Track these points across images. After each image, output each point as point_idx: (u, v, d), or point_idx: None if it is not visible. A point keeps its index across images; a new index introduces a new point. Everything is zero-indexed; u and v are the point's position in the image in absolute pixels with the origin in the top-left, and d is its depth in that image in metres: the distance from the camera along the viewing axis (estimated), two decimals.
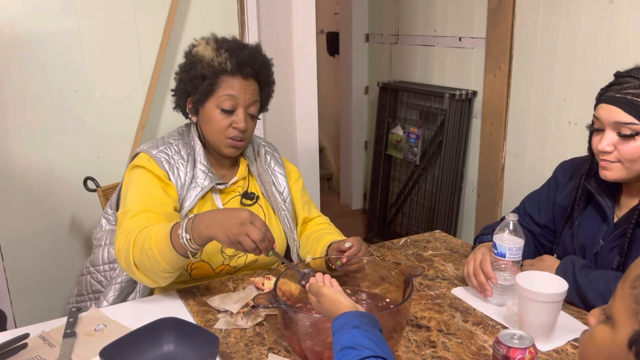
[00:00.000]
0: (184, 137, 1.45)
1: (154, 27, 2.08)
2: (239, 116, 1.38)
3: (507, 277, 1.23)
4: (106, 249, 1.48)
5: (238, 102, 1.38)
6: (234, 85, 1.38)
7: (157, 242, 1.17)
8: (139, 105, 2.10)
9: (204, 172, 1.41)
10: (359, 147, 4.16)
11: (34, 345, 1.12)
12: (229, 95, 1.37)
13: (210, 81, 1.37)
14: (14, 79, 1.90)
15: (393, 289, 1.22)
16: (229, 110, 1.38)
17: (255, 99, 1.42)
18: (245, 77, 1.39)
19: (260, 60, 1.43)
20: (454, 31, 3.03)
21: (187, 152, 1.41)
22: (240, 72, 1.38)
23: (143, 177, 1.35)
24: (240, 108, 1.39)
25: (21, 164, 1.97)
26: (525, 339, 0.93)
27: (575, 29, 2.31)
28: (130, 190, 1.34)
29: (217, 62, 1.37)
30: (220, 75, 1.37)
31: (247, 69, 1.38)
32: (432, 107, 3.11)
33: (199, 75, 1.38)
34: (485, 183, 2.90)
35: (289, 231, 1.50)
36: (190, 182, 1.38)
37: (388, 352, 0.84)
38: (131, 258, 1.21)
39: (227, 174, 1.50)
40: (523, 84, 2.60)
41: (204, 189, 1.39)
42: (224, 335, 1.15)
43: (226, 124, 1.39)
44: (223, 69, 1.37)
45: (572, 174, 1.40)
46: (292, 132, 2.49)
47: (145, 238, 1.19)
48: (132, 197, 1.32)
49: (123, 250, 1.23)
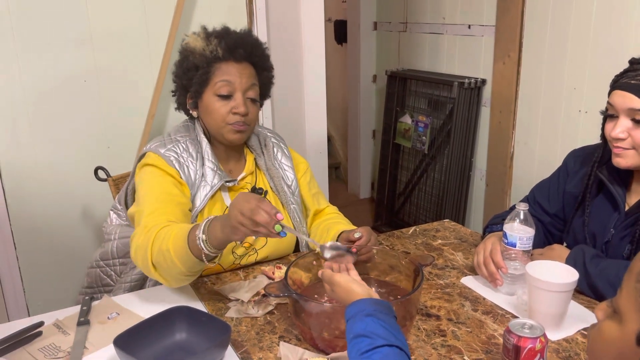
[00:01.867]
0: (190, 133, 1.43)
1: (163, 17, 2.08)
2: (238, 100, 1.36)
3: (517, 266, 1.23)
4: (115, 243, 1.47)
5: (235, 86, 1.36)
6: (228, 70, 1.36)
7: (174, 244, 1.14)
8: (148, 95, 2.11)
9: (212, 169, 1.38)
10: (366, 136, 4.15)
11: (49, 332, 1.13)
12: (224, 81, 1.35)
13: (203, 70, 1.36)
14: (24, 69, 1.91)
15: (403, 278, 1.22)
16: (226, 96, 1.36)
17: (253, 82, 1.40)
18: (238, 60, 1.37)
19: (251, 42, 1.41)
20: (463, 19, 3.01)
21: (196, 149, 1.40)
22: (232, 55, 1.36)
23: (155, 174, 1.33)
24: (238, 92, 1.36)
25: (32, 154, 1.98)
26: (536, 328, 0.94)
27: (586, 16, 2.29)
28: (144, 188, 1.32)
29: (208, 51, 1.35)
30: (213, 63, 1.36)
31: (239, 50, 1.36)
32: (440, 96, 3.09)
33: (192, 67, 1.37)
34: (494, 172, 2.89)
35: (298, 224, 1.49)
36: (200, 181, 1.37)
37: (402, 341, 0.83)
38: (149, 257, 1.18)
39: (235, 169, 1.48)
40: (533, 72, 2.58)
41: (214, 188, 1.37)
42: (235, 324, 1.16)
43: (226, 110, 1.36)
44: (215, 57, 1.35)
45: (582, 162, 1.39)
46: (300, 122, 2.49)
47: (164, 238, 1.16)
48: (146, 195, 1.30)
49: (141, 248, 1.20)
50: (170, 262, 1.15)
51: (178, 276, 1.19)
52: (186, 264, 1.15)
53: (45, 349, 1.08)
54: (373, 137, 4.15)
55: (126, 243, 1.43)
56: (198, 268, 1.18)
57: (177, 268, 1.16)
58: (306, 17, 2.36)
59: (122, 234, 1.47)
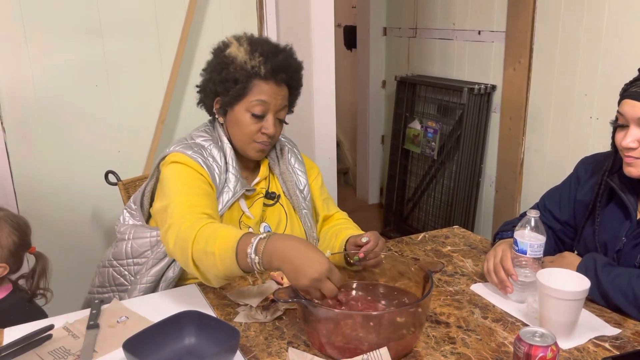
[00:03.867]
0: (213, 138, 1.42)
1: (174, 22, 2.09)
2: (269, 122, 1.37)
3: (528, 273, 1.23)
4: (129, 243, 1.47)
5: (269, 107, 1.37)
6: (266, 90, 1.36)
7: (220, 250, 1.11)
8: (158, 99, 2.12)
9: (235, 176, 1.39)
10: (375, 142, 4.15)
11: (59, 336, 1.14)
12: (260, 101, 1.36)
13: (242, 85, 1.35)
14: (37, 74, 1.93)
15: (412, 284, 1.21)
16: (259, 115, 1.37)
17: (285, 104, 1.42)
18: (279, 83, 1.38)
19: (294, 66, 1.42)
20: (473, 25, 3.00)
21: (219, 154, 1.39)
22: (274, 78, 1.36)
23: (184, 170, 1.32)
24: (270, 114, 1.37)
25: (44, 158, 2.00)
26: (547, 336, 0.93)
27: (598, 22, 2.28)
28: (172, 182, 1.30)
29: (250, 66, 1.34)
30: (252, 79, 1.35)
31: (281, 74, 1.37)
32: (450, 102, 3.09)
33: (231, 79, 1.36)
34: (504, 178, 2.88)
35: (309, 229, 1.50)
36: (223, 186, 1.37)
37: None
38: (190, 253, 1.15)
39: (250, 176, 1.49)
40: (543, 78, 2.57)
41: (236, 195, 1.37)
42: (244, 329, 1.16)
43: (255, 128, 1.37)
44: (256, 73, 1.35)
45: (593, 170, 1.38)
46: (310, 127, 2.49)
47: (209, 239, 1.13)
48: (176, 187, 1.28)
49: (181, 242, 1.17)
50: (213, 264, 1.13)
51: (217, 278, 1.16)
52: (229, 270, 1.12)
53: (55, 352, 1.09)
54: (382, 143, 4.15)
55: (142, 244, 1.43)
56: (239, 274, 1.15)
57: (217, 271, 1.13)
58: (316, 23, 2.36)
59: (137, 234, 1.46)
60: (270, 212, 1.49)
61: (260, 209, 1.46)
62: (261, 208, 1.46)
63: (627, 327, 1.14)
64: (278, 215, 1.49)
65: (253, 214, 1.44)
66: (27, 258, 1.54)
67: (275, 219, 1.48)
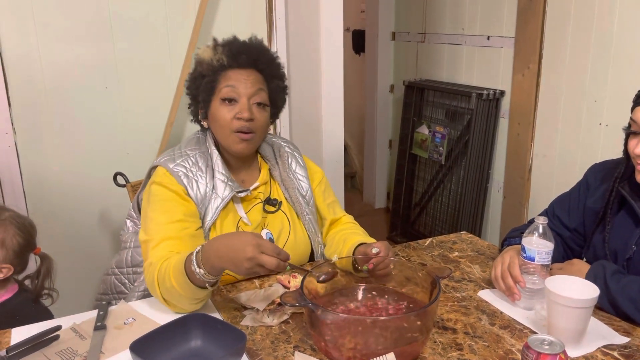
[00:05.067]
0: (200, 146, 1.41)
1: (184, 25, 2.10)
2: (242, 105, 1.34)
3: (536, 280, 1.22)
4: (130, 252, 1.48)
5: (239, 91, 1.35)
6: (232, 76, 1.36)
7: (176, 279, 1.15)
8: (167, 102, 2.13)
9: (223, 181, 1.37)
10: (383, 146, 4.15)
11: (66, 337, 1.14)
12: (229, 86, 1.35)
13: (209, 78, 1.37)
14: (47, 76, 1.95)
15: (419, 290, 1.21)
16: (230, 100, 1.35)
17: (259, 87, 1.38)
18: (243, 66, 1.37)
19: (256, 49, 1.40)
20: (482, 30, 3.00)
21: (205, 162, 1.38)
22: (236, 61, 1.36)
23: (161, 196, 1.32)
24: (243, 97, 1.35)
25: (53, 159, 2.01)
26: (556, 344, 0.92)
27: (608, 28, 2.26)
28: (150, 212, 1.31)
29: (215, 60, 1.37)
30: (219, 71, 1.37)
31: (242, 56, 1.36)
32: (458, 107, 3.08)
33: (199, 76, 1.39)
34: (512, 184, 2.87)
35: (313, 235, 1.49)
36: (210, 194, 1.36)
37: None
38: (159, 294, 1.20)
39: (247, 179, 1.46)
40: (552, 84, 2.56)
41: (225, 200, 1.35)
42: (250, 332, 1.16)
43: (230, 116, 1.34)
44: (221, 65, 1.37)
45: (604, 177, 1.37)
46: (317, 131, 2.50)
47: (165, 275, 1.18)
48: (152, 223, 1.30)
49: (150, 285, 1.23)
50: (179, 296, 1.17)
51: (191, 305, 1.20)
52: (194, 294, 1.17)
53: (62, 353, 1.09)
54: (389, 147, 4.15)
55: (140, 252, 1.43)
56: (206, 293, 1.19)
57: (188, 299, 1.18)
58: (325, 27, 2.37)
59: (137, 242, 1.47)
60: (272, 219, 1.46)
61: (259, 215, 1.43)
62: (260, 214, 1.44)
63: (636, 335, 1.13)
64: (280, 222, 1.46)
65: (251, 219, 1.41)
66: (35, 258, 1.55)
67: (278, 226, 1.45)
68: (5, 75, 1.89)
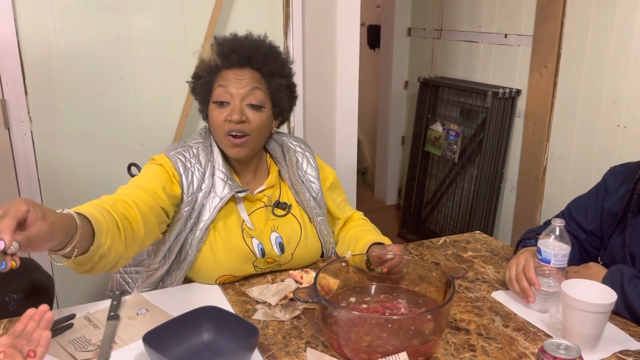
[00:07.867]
0: (205, 140, 1.39)
1: (201, 18, 2.10)
2: (233, 107, 1.30)
3: (551, 283, 1.20)
4: None
5: (231, 92, 1.30)
6: (225, 76, 1.32)
7: None
8: (183, 94, 2.13)
9: (222, 179, 1.33)
10: (395, 142, 4.13)
11: (79, 325, 1.15)
12: (221, 87, 1.32)
13: (204, 79, 1.35)
14: (64, 66, 1.96)
15: (432, 289, 1.20)
16: (222, 102, 1.31)
17: (254, 87, 1.32)
18: (235, 66, 1.32)
19: (248, 46, 1.34)
20: (499, 28, 2.97)
21: (206, 157, 1.35)
22: (228, 61, 1.32)
23: (151, 168, 1.31)
24: (235, 99, 1.30)
25: (68, 149, 2.02)
26: (572, 349, 0.91)
27: (629, 28, 2.23)
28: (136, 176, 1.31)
29: (212, 60, 1.34)
30: (215, 72, 1.34)
31: (233, 56, 1.32)
32: (473, 105, 3.06)
33: (196, 77, 1.38)
34: (526, 184, 2.84)
35: (326, 236, 1.46)
36: (209, 192, 1.32)
37: None
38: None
39: (254, 181, 1.42)
40: (570, 84, 2.53)
41: (224, 199, 1.32)
42: (262, 327, 1.16)
43: (222, 118, 1.30)
44: (217, 65, 1.34)
45: (623, 180, 1.35)
46: (331, 126, 2.49)
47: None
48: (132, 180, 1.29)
49: None
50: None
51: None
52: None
53: (75, 341, 1.10)
54: (402, 144, 4.13)
55: (141, 252, 1.42)
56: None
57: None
58: (342, 22, 2.35)
59: None
60: (282, 223, 1.41)
61: (264, 217, 1.40)
62: (266, 216, 1.40)
63: None
64: (290, 226, 1.42)
65: (254, 223, 1.37)
66: None
67: (288, 230, 1.41)
68: (22, 64, 1.90)
